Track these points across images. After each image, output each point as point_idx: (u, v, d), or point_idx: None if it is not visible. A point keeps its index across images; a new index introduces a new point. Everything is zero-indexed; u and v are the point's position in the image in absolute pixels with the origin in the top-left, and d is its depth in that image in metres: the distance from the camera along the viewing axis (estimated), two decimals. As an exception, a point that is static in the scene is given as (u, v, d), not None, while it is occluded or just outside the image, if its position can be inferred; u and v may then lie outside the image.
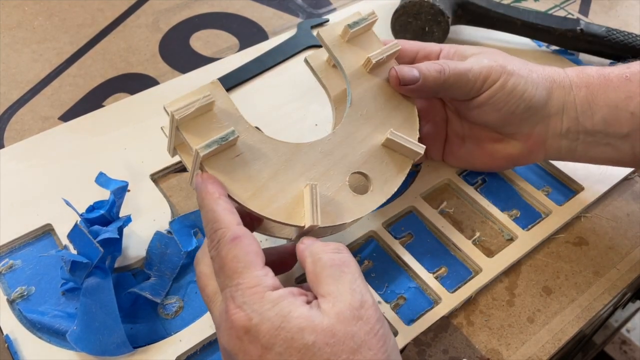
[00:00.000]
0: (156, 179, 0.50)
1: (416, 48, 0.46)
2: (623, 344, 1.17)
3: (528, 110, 0.43)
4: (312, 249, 0.34)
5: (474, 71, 0.43)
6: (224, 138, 0.36)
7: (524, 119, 0.44)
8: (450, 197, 0.50)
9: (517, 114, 0.44)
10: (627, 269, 0.46)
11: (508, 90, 0.43)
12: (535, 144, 0.45)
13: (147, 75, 0.60)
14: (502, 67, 0.43)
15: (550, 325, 0.43)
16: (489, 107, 0.44)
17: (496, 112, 0.44)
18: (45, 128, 0.53)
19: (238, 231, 0.33)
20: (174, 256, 0.44)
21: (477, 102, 0.44)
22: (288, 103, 0.56)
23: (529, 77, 0.43)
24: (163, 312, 0.42)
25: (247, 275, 0.31)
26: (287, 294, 0.31)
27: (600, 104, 0.43)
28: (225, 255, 0.32)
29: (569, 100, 0.44)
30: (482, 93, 0.43)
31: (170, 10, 0.67)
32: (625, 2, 0.73)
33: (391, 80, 0.43)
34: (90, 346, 0.38)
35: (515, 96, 0.43)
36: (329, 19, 0.66)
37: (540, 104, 0.43)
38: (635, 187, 0.52)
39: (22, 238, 0.45)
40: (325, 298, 0.31)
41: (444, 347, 0.41)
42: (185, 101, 0.35)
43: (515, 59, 0.45)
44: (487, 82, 0.43)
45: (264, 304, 0.30)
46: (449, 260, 0.46)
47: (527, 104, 0.43)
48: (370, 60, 0.43)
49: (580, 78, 0.44)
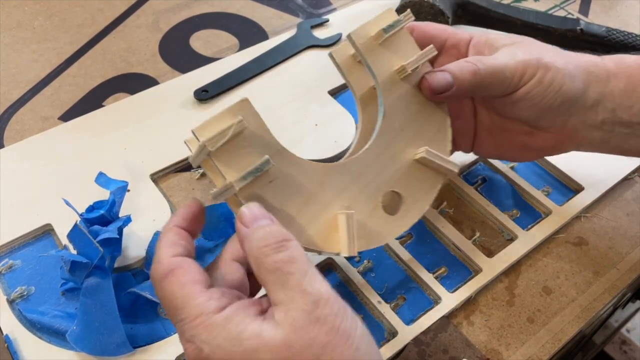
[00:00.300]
0: (156, 179, 0.50)
1: (445, 35, 0.44)
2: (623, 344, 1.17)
3: (564, 104, 0.41)
4: (252, 248, 0.30)
5: (510, 68, 0.40)
6: (259, 169, 0.34)
7: (559, 113, 0.42)
8: (450, 197, 0.50)
9: (553, 108, 0.41)
10: (627, 269, 0.46)
11: (545, 85, 0.40)
12: (568, 137, 0.43)
13: (147, 75, 0.60)
14: (538, 60, 0.40)
15: (550, 325, 0.43)
16: (524, 103, 0.41)
17: (532, 108, 0.41)
18: (45, 128, 0.53)
19: (170, 264, 0.31)
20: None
21: (512, 98, 0.41)
22: (288, 103, 0.56)
23: (565, 70, 0.40)
24: (163, 312, 0.42)
25: (187, 308, 0.29)
26: (235, 311, 0.29)
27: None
28: (163, 295, 0.31)
29: (606, 92, 0.41)
30: (519, 89, 0.41)
31: (170, 10, 0.67)
32: (625, 2, 0.73)
33: (424, 90, 0.41)
34: (90, 346, 0.38)
35: (553, 91, 0.40)
36: (328, 19, 0.66)
37: (577, 97, 0.41)
38: (635, 187, 0.52)
39: (22, 238, 0.45)
40: (278, 307, 0.29)
41: (444, 347, 0.41)
42: (216, 127, 0.33)
43: (549, 49, 0.42)
44: (524, 78, 0.40)
45: (211, 332, 0.29)
46: (449, 260, 0.46)
47: (564, 98, 0.41)
48: (406, 69, 0.40)
49: (619, 68, 0.42)
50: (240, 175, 0.33)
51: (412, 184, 0.40)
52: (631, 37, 0.60)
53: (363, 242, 0.37)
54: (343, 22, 0.66)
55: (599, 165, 0.52)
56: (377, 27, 0.41)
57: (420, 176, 0.40)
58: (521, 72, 0.40)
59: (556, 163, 0.52)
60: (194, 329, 0.29)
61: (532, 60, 0.40)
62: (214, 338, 0.28)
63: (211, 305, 0.29)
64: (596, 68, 0.42)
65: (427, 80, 0.41)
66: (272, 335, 0.28)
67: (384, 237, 0.39)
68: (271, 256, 0.30)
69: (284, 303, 0.29)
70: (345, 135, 0.53)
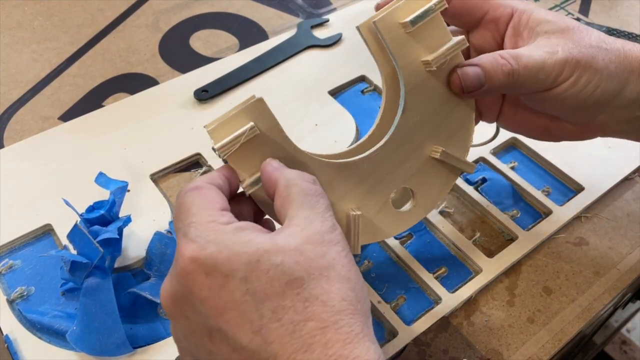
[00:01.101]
0: (156, 179, 0.50)
1: (486, 7, 0.41)
2: (623, 344, 1.17)
3: (596, 104, 0.39)
4: (287, 174, 0.32)
5: (547, 69, 0.37)
6: None
7: (590, 111, 0.40)
8: (450, 197, 0.50)
9: (583, 108, 0.40)
10: (627, 269, 0.46)
11: (580, 88, 0.38)
12: (594, 130, 0.42)
13: (147, 75, 0.60)
14: (577, 61, 0.38)
15: (550, 325, 0.43)
16: (555, 102, 0.39)
17: (562, 106, 0.40)
18: (45, 128, 0.53)
19: (200, 183, 0.31)
20: (174, 256, 0.43)
21: (544, 96, 0.39)
22: (288, 103, 0.56)
23: (605, 71, 0.38)
24: (163, 312, 0.42)
25: (200, 214, 0.29)
26: (246, 225, 0.29)
27: None
28: (182, 202, 0.30)
29: (636, 89, 0.39)
30: (552, 89, 0.39)
31: (170, 10, 0.67)
32: (625, 2, 0.73)
33: (453, 86, 0.38)
34: (90, 346, 0.38)
35: (587, 93, 0.38)
36: (329, 19, 0.66)
37: (612, 98, 0.39)
38: (635, 187, 0.52)
39: (22, 238, 0.45)
40: (293, 221, 0.29)
41: (444, 347, 0.41)
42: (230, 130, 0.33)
43: (593, 42, 0.39)
44: (559, 79, 0.38)
45: (221, 235, 0.28)
46: (449, 260, 0.46)
47: (597, 99, 0.39)
48: (431, 64, 0.37)
49: None
50: (252, 180, 0.33)
51: (425, 180, 0.39)
52: (631, 37, 0.60)
53: (369, 236, 0.37)
54: (343, 22, 0.66)
55: (599, 165, 0.52)
56: (405, 15, 0.37)
57: (435, 172, 0.40)
58: (557, 73, 0.38)
59: (556, 163, 0.52)
60: (202, 231, 0.28)
61: (571, 60, 0.38)
62: (222, 240, 0.28)
63: (224, 218, 0.29)
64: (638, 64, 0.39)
65: (457, 76, 0.38)
66: (285, 242, 0.28)
67: (390, 232, 0.39)
68: (307, 183, 0.31)
69: (303, 219, 0.29)
70: (345, 135, 0.53)
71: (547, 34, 0.39)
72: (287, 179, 0.31)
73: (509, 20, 0.41)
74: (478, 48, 0.42)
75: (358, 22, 0.39)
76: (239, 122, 0.33)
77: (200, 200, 0.30)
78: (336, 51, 0.62)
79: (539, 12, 0.40)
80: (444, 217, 0.48)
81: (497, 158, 0.53)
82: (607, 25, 0.61)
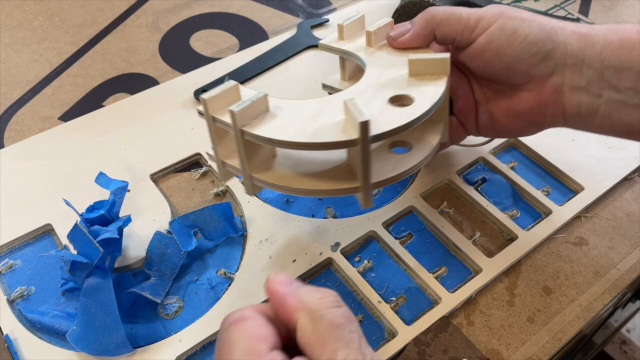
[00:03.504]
0: (156, 179, 0.50)
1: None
2: (623, 344, 1.17)
3: (535, 55, 0.40)
4: (307, 301, 0.28)
5: (466, 11, 0.42)
6: (252, 97, 0.36)
7: (532, 65, 0.41)
8: (450, 197, 0.50)
9: (523, 59, 0.41)
10: (627, 269, 0.46)
11: (508, 33, 0.40)
12: (550, 96, 0.42)
13: (147, 75, 0.60)
14: (501, 11, 0.41)
15: (550, 325, 0.43)
16: (490, 53, 0.41)
17: (499, 58, 0.41)
18: (45, 128, 0.54)
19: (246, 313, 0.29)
20: (174, 256, 0.44)
21: (477, 46, 0.42)
22: (288, 103, 0.56)
23: (533, 20, 0.40)
24: (163, 312, 0.42)
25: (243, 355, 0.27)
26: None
27: (637, 59, 0.38)
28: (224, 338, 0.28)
29: (591, 52, 0.40)
30: (480, 36, 0.41)
31: (170, 10, 0.67)
32: (625, 2, 0.73)
33: (388, 42, 0.44)
34: (90, 346, 0.38)
35: (518, 39, 0.40)
36: (329, 19, 0.66)
37: (551, 49, 0.40)
38: (635, 187, 0.52)
39: (22, 238, 0.45)
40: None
41: (444, 347, 0.41)
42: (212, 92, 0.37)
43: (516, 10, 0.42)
44: (482, 22, 0.41)
45: None
46: (449, 260, 0.46)
47: (533, 49, 0.40)
48: (370, 32, 0.44)
49: (612, 32, 0.40)
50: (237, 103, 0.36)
51: (416, 87, 0.40)
52: (631, 37, 0.60)
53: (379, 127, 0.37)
54: (343, 22, 0.66)
55: (599, 165, 0.52)
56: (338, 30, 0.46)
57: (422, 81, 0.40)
58: (478, 16, 0.41)
59: (556, 163, 0.52)
60: None
61: (493, 9, 0.41)
62: None
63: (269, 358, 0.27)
64: (582, 30, 0.41)
65: (388, 34, 0.44)
66: None
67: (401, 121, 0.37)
68: (333, 309, 0.28)
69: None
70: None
71: None
72: (309, 309, 0.28)
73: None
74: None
75: None
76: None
77: (243, 340, 0.27)
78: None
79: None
80: (444, 217, 0.48)
81: (497, 158, 0.53)
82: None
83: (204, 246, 0.46)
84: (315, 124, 0.36)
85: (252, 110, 0.36)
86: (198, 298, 0.43)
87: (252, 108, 0.36)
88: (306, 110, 0.38)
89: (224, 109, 0.37)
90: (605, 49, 0.39)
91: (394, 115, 0.37)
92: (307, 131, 0.35)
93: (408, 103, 0.38)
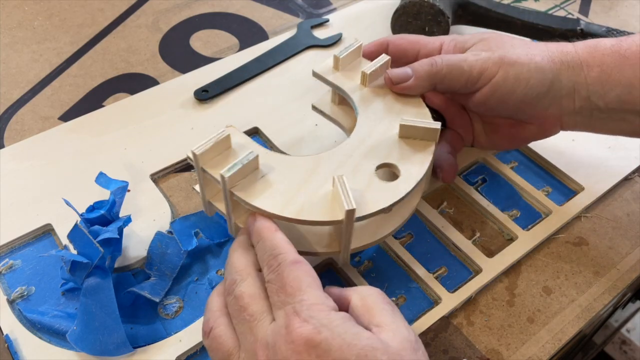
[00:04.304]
0: (156, 179, 0.50)
1: (417, 47, 0.46)
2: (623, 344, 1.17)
3: (537, 96, 0.42)
4: (357, 288, 0.34)
5: (469, 61, 0.42)
6: (243, 159, 0.37)
7: (535, 105, 0.43)
8: (450, 197, 0.50)
9: (526, 102, 0.43)
10: (627, 269, 0.46)
11: (510, 82, 0.42)
12: (551, 124, 0.45)
13: (147, 75, 0.60)
14: (500, 58, 0.42)
15: (550, 325, 0.43)
16: (495, 101, 0.43)
17: (504, 104, 0.43)
18: (45, 128, 0.53)
19: (299, 257, 0.33)
20: (174, 256, 0.44)
21: (480, 96, 0.43)
22: (288, 103, 0.56)
23: (531, 64, 0.42)
24: (163, 312, 0.42)
25: (310, 292, 0.31)
26: (349, 316, 0.31)
27: (614, 82, 0.41)
28: (287, 275, 0.32)
29: (579, 81, 0.42)
30: (484, 86, 0.43)
31: (170, 10, 0.67)
32: (625, 2, 0.73)
33: (386, 82, 0.44)
34: (90, 346, 0.38)
35: (520, 86, 0.42)
36: (329, 19, 0.66)
37: (549, 89, 0.42)
38: (635, 187, 0.52)
39: (22, 238, 0.45)
40: (383, 328, 0.31)
41: (444, 347, 0.41)
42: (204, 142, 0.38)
43: (515, 43, 0.44)
44: (485, 74, 0.42)
45: (332, 321, 0.29)
46: (449, 260, 0.46)
47: (535, 91, 0.42)
48: (365, 73, 0.44)
49: (592, 57, 0.42)
50: (227, 167, 0.36)
51: (403, 154, 0.40)
52: (631, 37, 0.60)
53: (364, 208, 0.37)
54: (343, 22, 0.66)
55: (599, 165, 0.52)
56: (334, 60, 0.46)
57: (410, 148, 0.41)
58: (481, 68, 0.42)
59: (556, 163, 0.52)
60: (314, 312, 0.30)
61: (494, 57, 0.42)
62: (335, 326, 0.29)
63: (330, 303, 0.31)
64: (568, 57, 0.43)
65: (387, 74, 0.44)
66: (387, 342, 0.30)
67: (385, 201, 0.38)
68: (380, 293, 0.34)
69: (391, 327, 0.31)
70: (345, 135, 0.53)
71: (474, 46, 0.44)
72: (359, 291, 0.34)
73: (440, 51, 0.46)
74: None
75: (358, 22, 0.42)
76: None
77: (307, 278, 0.32)
78: (336, 51, 0.62)
79: (462, 36, 0.46)
80: (444, 217, 0.48)
81: (497, 158, 0.53)
82: (607, 25, 0.61)
83: (205, 246, 0.46)
84: (303, 195, 0.37)
85: (242, 173, 0.37)
86: (198, 298, 0.43)
87: (242, 171, 0.37)
88: (296, 172, 0.38)
89: (214, 159, 0.38)
90: (589, 76, 0.42)
91: (380, 194, 0.38)
92: (294, 205, 0.36)
93: (395, 172, 0.40)
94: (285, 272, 0.32)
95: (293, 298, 0.31)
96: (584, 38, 0.60)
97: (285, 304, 0.31)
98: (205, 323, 0.35)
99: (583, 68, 0.42)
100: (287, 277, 0.32)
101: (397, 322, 0.31)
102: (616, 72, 0.41)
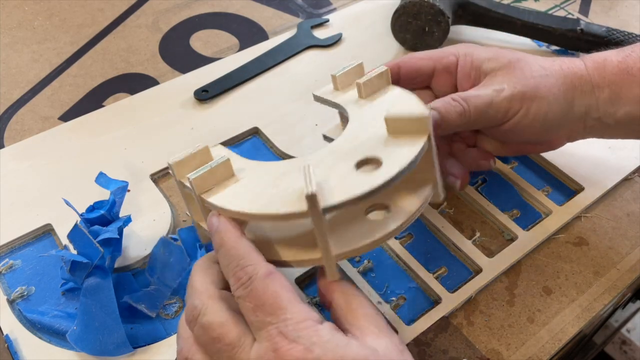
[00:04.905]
0: (156, 179, 0.50)
1: (431, 64, 0.45)
2: (623, 344, 1.17)
3: (552, 126, 0.44)
4: (343, 287, 0.33)
5: (495, 106, 0.42)
6: (212, 163, 0.35)
7: (548, 133, 0.44)
8: (450, 197, 0.50)
9: (542, 132, 0.44)
10: (627, 269, 0.46)
11: (531, 117, 0.42)
12: (560, 142, 0.47)
13: (147, 75, 0.60)
14: (522, 94, 0.42)
15: (550, 325, 0.43)
16: (513, 133, 0.44)
17: (523, 136, 0.44)
18: (45, 128, 0.53)
19: (270, 267, 0.31)
20: (177, 265, 0.42)
21: (501, 130, 0.44)
22: (288, 103, 0.56)
23: (550, 96, 0.42)
24: (163, 312, 0.42)
25: (293, 309, 0.29)
26: (333, 325, 0.30)
27: (624, 100, 0.43)
28: (262, 291, 0.30)
29: (591, 104, 0.43)
30: (505, 122, 0.43)
31: (170, 10, 0.68)
32: (625, 2, 0.73)
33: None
34: (90, 346, 0.38)
35: (539, 120, 0.43)
36: (329, 19, 0.66)
37: (563, 117, 0.43)
38: (635, 187, 0.52)
39: (22, 238, 0.45)
40: (367, 332, 0.31)
41: (444, 347, 0.41)
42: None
43: (533, 71, 0.43)
44: (509, 113, 0.42)
45: (321, 337, 0.29)
46: (449, 260, 0.46)
47: (550, 122, 0.43)
48: (359, 84, 0.41)
49: (602, 77, 0.43)
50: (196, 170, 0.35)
51: (389, 148, 0.35)
52: (631, 37, 0.60)
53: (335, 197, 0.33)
54: (343, 22, 0.66)
55: (599, 165, 0.52)
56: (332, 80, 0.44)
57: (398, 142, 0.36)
58: (506, 108, 0.42)
59: (556, 163, 0.52)
60: (301, 330, 0.29)
61: (517, 94, 0.42)
62: (325, 342, 0.29)
63: (314, 315, 0.30)
64: (580, 81, 0.43)
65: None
66: (375, 347, 0.30)
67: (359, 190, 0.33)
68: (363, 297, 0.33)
69: (374, 331, 0.31)
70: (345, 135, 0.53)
71: (492, 71, 0.44)
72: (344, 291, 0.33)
73: (457, 66, 0.45)
74: (438, 94, 0.46)
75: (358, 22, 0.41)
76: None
77: (286, 293, 0.30)
78: (336, 51, 0.63)
79: (479, 53, 0.45)
80: (444, 217, 0.48)
81: (497, 158, 0.53)
82: (607, 25, 0.61)
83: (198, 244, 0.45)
84: (272, 192, 0.34)
85: (212, 176, 0.35)
86: (198, 298, 0.43)
87: (211, 174, 0.35)
88: (270, 174, 0.35)
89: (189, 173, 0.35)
90: (600, 98, 0.43)
91: (354, 183, 0.33)
92: (261, 201, 0.33)
93: (377, 166, 0.35)
94: (260, 288, 0.30)
95: (276, 318, 0.29)
96: (584, 38, 0.61)
97: (266, 325, 0.29)
98: (179, 353, 0.33)
99: (594, 91, 0.43)
100: (263, 293, 0.30)
101: (380, 324, 0.32)
102: (625, 91, 0.42)
